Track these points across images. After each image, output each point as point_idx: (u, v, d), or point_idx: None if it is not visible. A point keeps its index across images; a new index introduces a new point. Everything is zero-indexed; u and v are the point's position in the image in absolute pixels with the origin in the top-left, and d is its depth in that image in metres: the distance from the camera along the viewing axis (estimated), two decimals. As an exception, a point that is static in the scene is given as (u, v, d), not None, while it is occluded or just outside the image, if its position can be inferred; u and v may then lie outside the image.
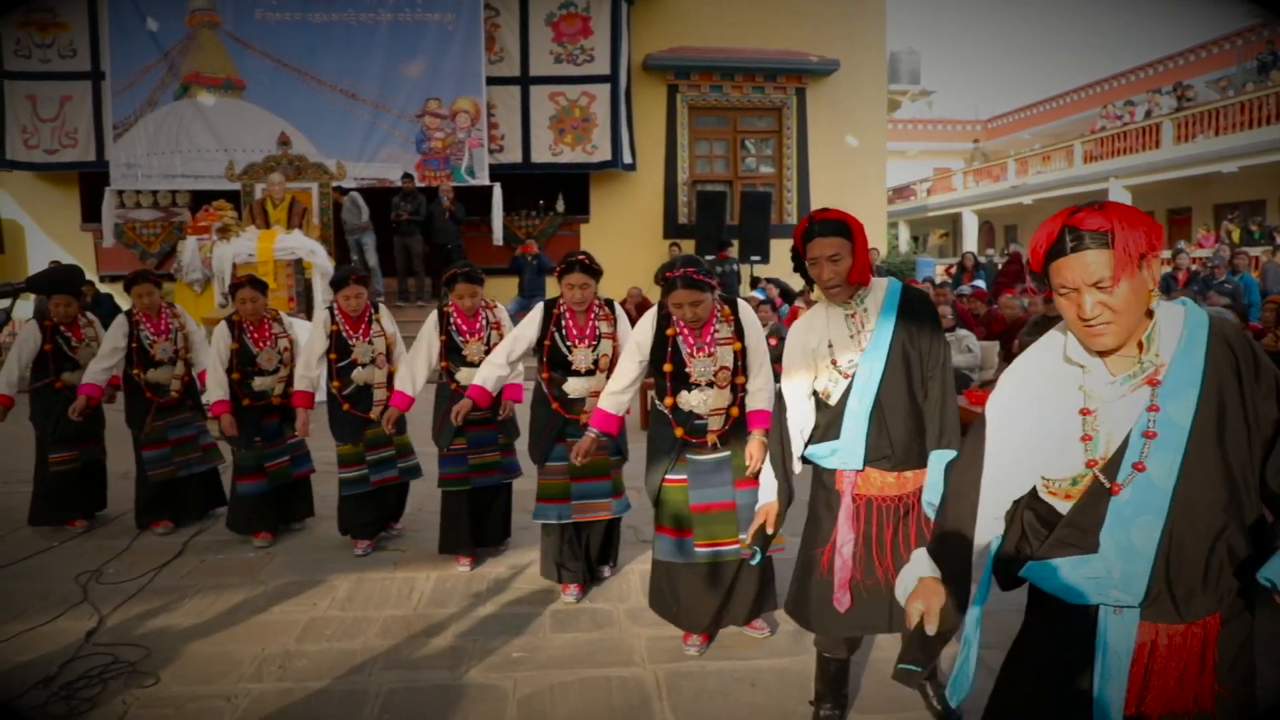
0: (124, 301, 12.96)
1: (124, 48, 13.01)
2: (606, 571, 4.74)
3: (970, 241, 27.19)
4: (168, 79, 13.07)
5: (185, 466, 5.61)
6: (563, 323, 4.34)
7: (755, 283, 12.68)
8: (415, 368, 4.91)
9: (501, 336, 4.85)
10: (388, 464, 5.25)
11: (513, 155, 13.78)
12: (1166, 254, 18.00)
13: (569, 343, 4.33)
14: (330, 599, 4.49)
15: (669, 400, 3.74)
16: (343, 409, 5.14)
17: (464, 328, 4.91)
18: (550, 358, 4.35)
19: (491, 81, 13.49)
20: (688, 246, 13.84)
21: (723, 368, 3.67)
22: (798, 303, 11.01)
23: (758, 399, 3.69)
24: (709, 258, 13.82)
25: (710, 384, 3.68)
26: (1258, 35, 20.17)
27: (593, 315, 4.37)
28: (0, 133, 13.27)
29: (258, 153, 12.38)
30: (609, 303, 4.48)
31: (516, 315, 12.54)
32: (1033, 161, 24.47)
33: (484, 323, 4.99)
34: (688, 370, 3.69)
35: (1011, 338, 8.47)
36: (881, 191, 15.84)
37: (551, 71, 13.75)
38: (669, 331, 3.73)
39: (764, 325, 10.84)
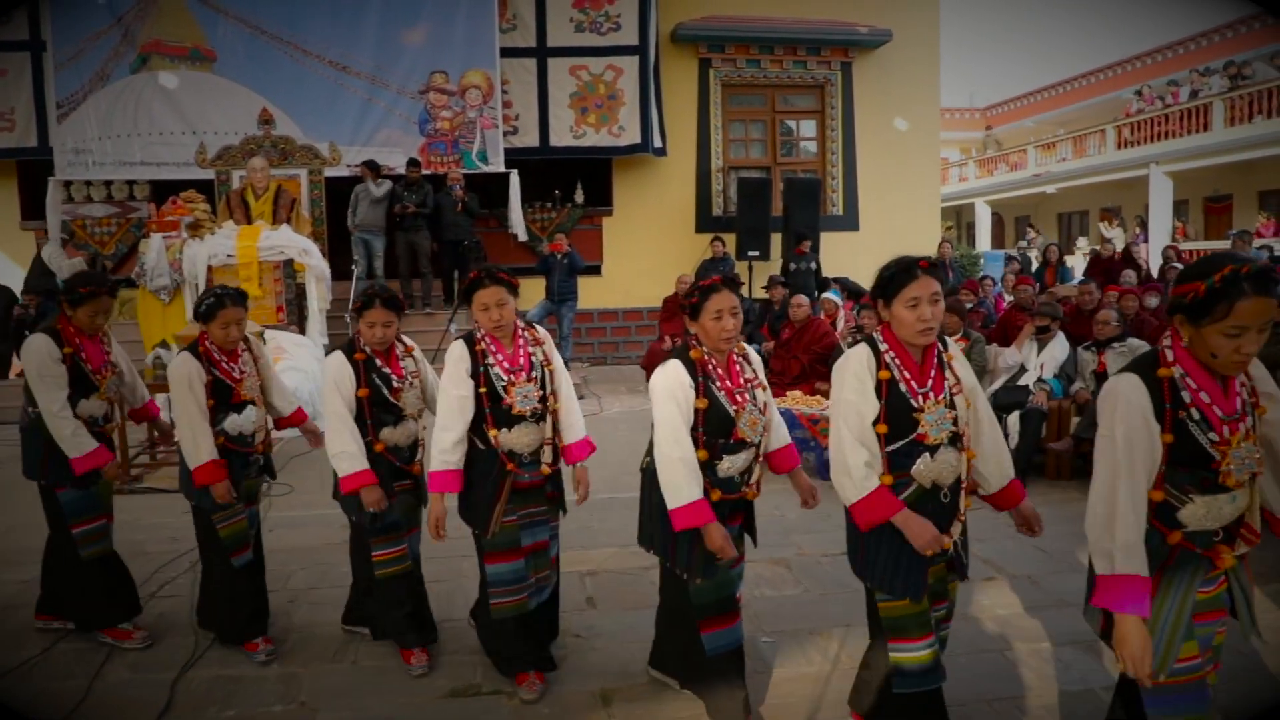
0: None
1: (69, 12, 10.97)
2: None
3: (984, 234, 25.85)
4: (122, 48, 11.06)
5: (538, 592, 3.49)
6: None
7: (826, 284, 11.01)
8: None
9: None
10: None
11: (529, 138, 11.96)
12: (1221, 244, 16.68)
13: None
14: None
15: None
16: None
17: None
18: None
19: (504, 53, 11.67)
20: (729, 240, 12.15)
21: None
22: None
23: None
24: (752, 253, 12.19)
25: None
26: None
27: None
28: (-79, 115, 11.23)
29: (234, 134, 10.49)
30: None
31: (545, 321, 10.86)
32: (1055, 148, 23.12)
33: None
34: None
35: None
36: (935, 179, 14.26)
37: (572, 42, 11.94)
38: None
39: (843, 329, 9.13)
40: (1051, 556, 4.78)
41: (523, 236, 11.88)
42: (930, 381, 2.57)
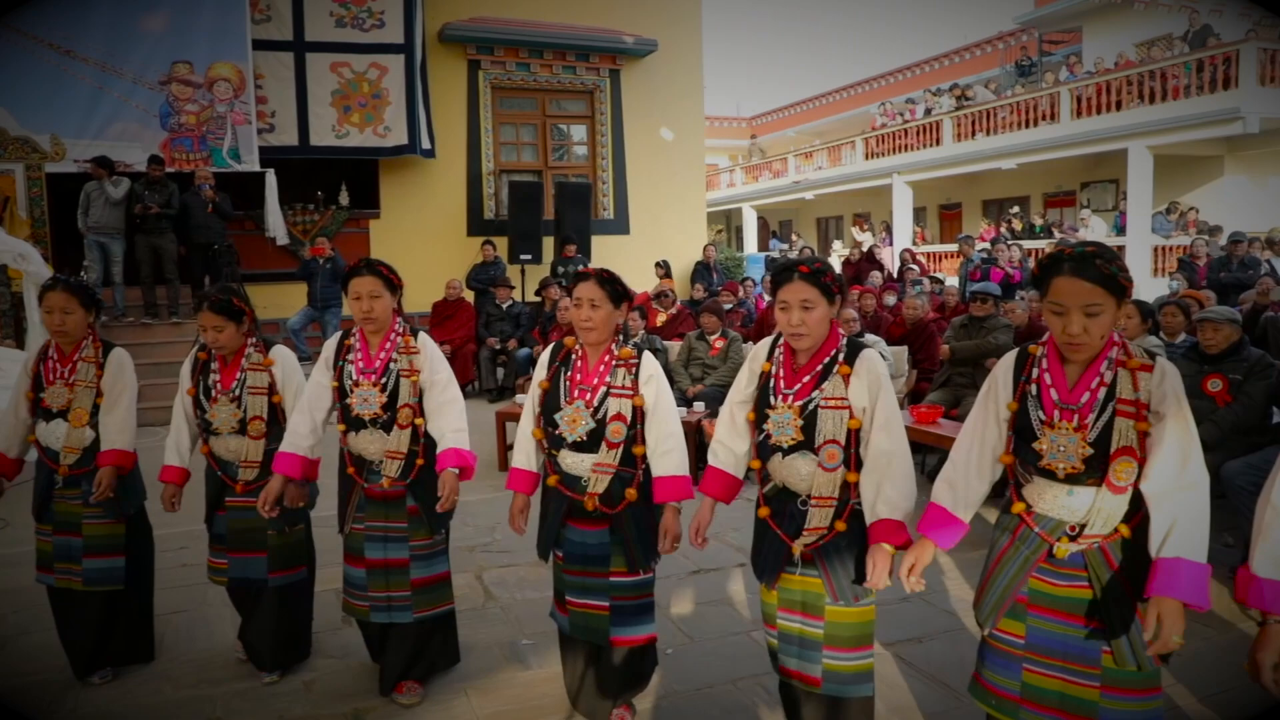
0: None
1: None
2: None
3: (751, 237, 27.29)
4: None
5: (389, 610, 3.29)
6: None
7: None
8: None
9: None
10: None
11: (286, 136, 11.34)
12: (952, 247, 18.53)
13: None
14: None
15: None
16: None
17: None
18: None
19: (257, 45, 11.00)
20: (501, 245, 12.10)
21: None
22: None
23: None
24: (524, 256, 12.23)
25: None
26: (1016, 40, 21.41)
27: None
28: None
29: (-69, 124, 9.24)
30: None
31: (308, 328, 10.36)
32: (813, 157, 24.77)
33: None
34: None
35: (918, 341, 7.60)
36: (700, 185, 14.85)
37: (333, 37, 11.46)
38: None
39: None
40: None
41: (282, 240, 11.28)
42: (799, 386, 2.51)
